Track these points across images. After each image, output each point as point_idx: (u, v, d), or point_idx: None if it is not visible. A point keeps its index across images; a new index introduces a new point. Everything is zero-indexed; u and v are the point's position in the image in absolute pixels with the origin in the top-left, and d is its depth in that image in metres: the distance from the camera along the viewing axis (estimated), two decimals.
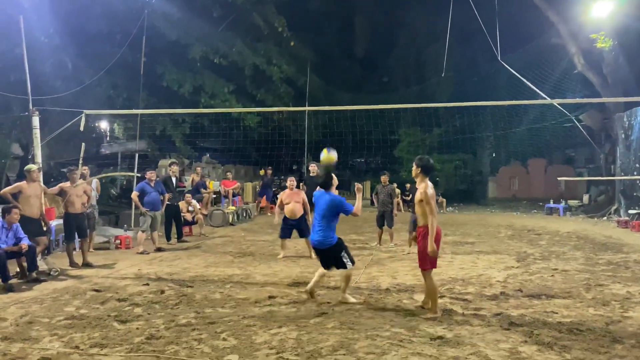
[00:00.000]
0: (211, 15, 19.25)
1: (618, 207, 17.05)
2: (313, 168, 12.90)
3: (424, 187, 5.40)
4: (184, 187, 13.50)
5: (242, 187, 18.40)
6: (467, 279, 7.35)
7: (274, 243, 10.94)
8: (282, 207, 9.36)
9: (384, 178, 10.82)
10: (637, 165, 15.39)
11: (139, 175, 13.19)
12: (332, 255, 5.83)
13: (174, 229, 11.38)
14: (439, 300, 6.02)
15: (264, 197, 18.82)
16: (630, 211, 15.26)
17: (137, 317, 5.29)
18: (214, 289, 6.57)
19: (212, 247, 10.65)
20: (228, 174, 17.56)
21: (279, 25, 20.40)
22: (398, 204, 17.48)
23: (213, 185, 16.51)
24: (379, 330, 4.85)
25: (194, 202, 12.65)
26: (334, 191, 5.98)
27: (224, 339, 4.59)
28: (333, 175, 6.04)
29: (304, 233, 9.07)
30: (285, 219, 9.23)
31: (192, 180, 14.69)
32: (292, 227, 9.19)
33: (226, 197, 16.36)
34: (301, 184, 14.92)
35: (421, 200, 5.38)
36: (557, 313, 5.51)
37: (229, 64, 19.52)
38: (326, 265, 5.95)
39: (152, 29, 16.60)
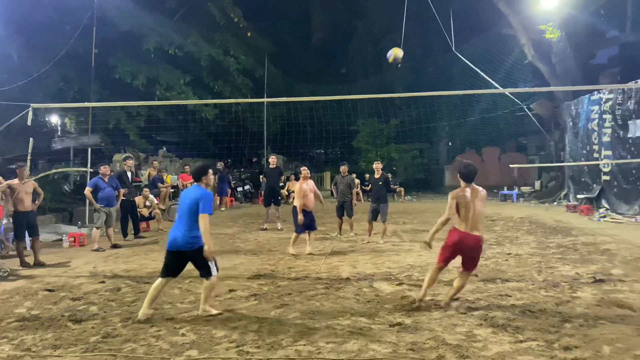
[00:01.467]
0: (165, 6, 18.81)
1: (567, 192, 17.76)
2: (273, 160, 12.86)
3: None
4: (140, 181, 13.21)
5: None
6: (425, 265, 7.50)
7: (234, 236, 10.87)
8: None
9: (343, 168, 10.88)
10: (584, 151, 16.05)
11: (92, 170, 12.81)
12: (198, 258, 4.98)
13: (130, 225, 11.12)
14: (398, 287, 6.16)
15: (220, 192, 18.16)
16: (579, 196, 15.94)
17: (92, 316, 5.15)
18: (173, 285, 6.45)
19: None
20: (186, 167, 17.27)
21: (235, 15, 20.14)
22: (357, 194, 17.72)
23: (170, 179, 16.21)
24: (339, 319, 4.90)
25: (151, 196, 12.39)
26: (207, 185, 5.13)
27: (183, 335, 4.53)
28: (210, 168, 5.23)
29: (314, 225, 8.82)
30: (303, 211, 8.54)
31: (149, 175, 14.37)
32: (309, 219, 8.67)
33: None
34: (261, 176, 14.91)
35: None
36: (510, 296, 5.70)
37: (184, 55, 19.15)
38: (176, 271, 5.18)
39: (104, 19, 16.09)
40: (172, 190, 16.09)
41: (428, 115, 22.81)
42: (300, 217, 8.42)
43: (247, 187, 21.08)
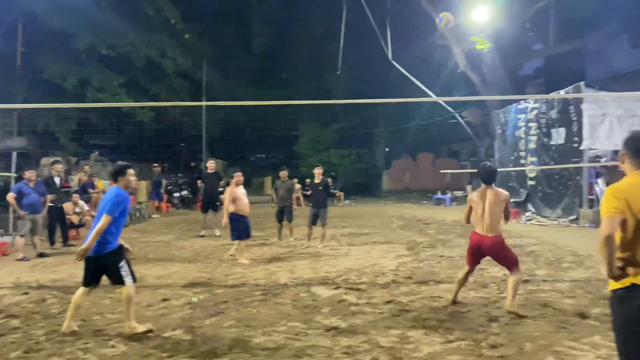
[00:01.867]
0: (99, 5, 18.12)
1: None
2: (211, 164, 12.65)
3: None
4: (70, 187, 12.58)
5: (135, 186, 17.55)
6: (362, 268, 7.64)
7: (169, 244, 10.59)
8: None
9: (283, 173, 10.88)
10: (512, 158, 16.89)
11: (17, 175, 12.09)
12: (108, 265, 4.67)
13: (59, 233, 10.58)
14: (335, 291, 6.22)
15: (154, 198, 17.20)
16: None
17: (13, 330, 4.86)
18: (103, 295, 6.22)
19: None
20: None
21: (173, 17, 19.73)
22: (298, 198, 17.75)
23: (102, 184, 15.56)
24: (275, 325, 4.89)
25: (81, 203, 11.85)
26: (126, 187, 4.80)
27: (113, 347, 4.37)
28: (129, 168, 4.89)
29: (249, 232, 8.67)
30: (239, 217, 8.42)
31: (79, 180, 13.75)
32: (246, 225, 8.54)
33: None
34: (199, 181, 14.60)
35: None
36: (442, 297, 5.90)
37: (118, 56, 18.54)
38: (95, 279, 4.83)
39: (31, 17, 15.30)
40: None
41: (367, 122, 23.29)
42: (225, 220, 8.27)
43: (184, 192, 20.60)
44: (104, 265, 4.69)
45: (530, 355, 4.11)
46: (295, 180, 18.80)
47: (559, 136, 13.79)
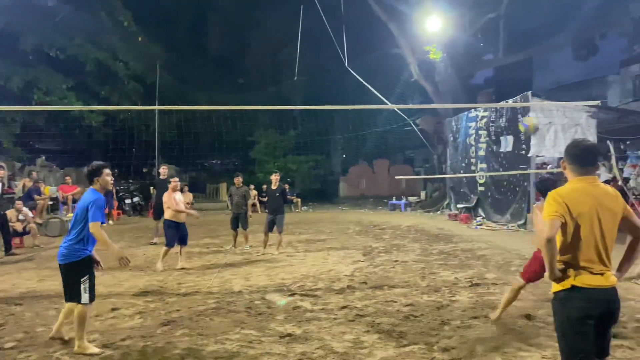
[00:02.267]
0: (46, 5, 17.47)
1: (449, 202, 19.06)
2: (164, 170, 12.38)
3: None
4: (13, 193, 12.06)
5: (83, 192, 16.89)
6: (318, 275, 7.64)
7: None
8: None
9: (238, 180, 10.76)
10: (463, 164, 17.36)
11: None
12: (70, 275, 4.41)
13: (0, 241, 10.08)
14: (291, 298, 6.20)
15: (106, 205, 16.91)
16: (459, 205, 17.20)
17: None
18: (48, 305, 5.97)
19: (48, 259, 9.63)
20: (67, 178, 16.06)
21: (125, 19, 19.23)
22: (254, 205, 17.62)
23: (49, 190, 14.99)
24: (229, 333, 4.83)
25: (25, 210, 11.34)
26: (103, 188, 4.61)
27: (57, 359, 4.19)
28: (105, 168, 4.63)
29: (185, 240, 8.58)
30: (173, 224, 8.37)
31: (24, 186, 13.18)
32: (179, 233, 8.46)
33: (65, 203, 14.97)
34: (151, 187, 14.25)
35: None
36: (396, 302, 5.98)
37: (67, 58, 17.91)
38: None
39: None
40: (51, 202, 14.89)
41: (324, 128, 23.40)
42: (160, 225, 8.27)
43: (136, 199, 20.05)
44: (63, 274, 4.44)
45: (480, 357, 4.22)
46: (252, 186, 18.70)
47: (507, 144, 14.25)
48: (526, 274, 5.08)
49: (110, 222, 15.23)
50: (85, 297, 4.36)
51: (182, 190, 19.30)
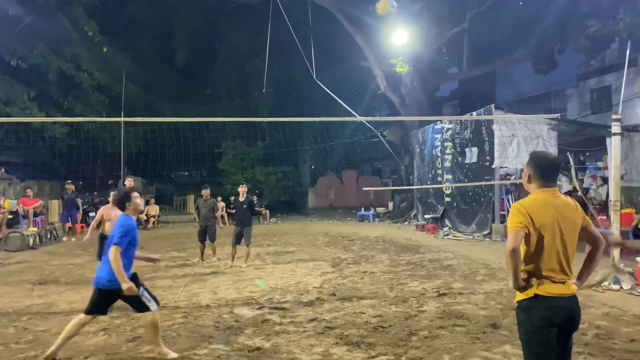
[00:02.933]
0: (6, 13, 17.01)
1: (416, 213, 19.31)
2: (129, 182, 12.10)
3: None
4: None
5: (45, 206, 16.37)
6: (286, 287, 7.61)
7: (84, 266, 9.98)
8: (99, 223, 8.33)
9: (206, 192, 10.65)
10: (430, 175, 17.64)
11: None
12: (128, 295, 4.47)
13: None
14: (259, 311, 6.14)
15: (69, 220, 15.38)
16: (426, 216, 17.44)
17: None
18: (7, 323, 5.76)
19: (7, 274, 9.31)
20: (28, 191, 15.55)
21: (89, 29, 18.89)
22: (222, 217, 17.44)
23: (9, 204, 14.49)
24: (196, 348, 4.76)
25: None
26: (135, 212, 4.72)
27: None
28: (132, 192, 4.76)
29: None
30: (105, 237, 8.32)
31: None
32: None
33: (26, 217, 14.48)
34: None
35: None
36: (365, 313, 6.00)
37: (29, 68, 17.45)
38: (100, 309, 4.65)
39: None
40: (11, 216, 14.39)
41: (292, 139, 23.42)
42: (88, 236, 8.38)
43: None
44: (122, 296, 4.48)
45: None
46: (219, 198, 18.51)
47: (472, 155, 14.58)
48: None
49: (73, 239, 14.67)
50: (152, 305, 4.54)
51: (148, 203, 19.11)
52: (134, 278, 4.57)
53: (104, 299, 4.54)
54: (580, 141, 14.19)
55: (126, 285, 4.33)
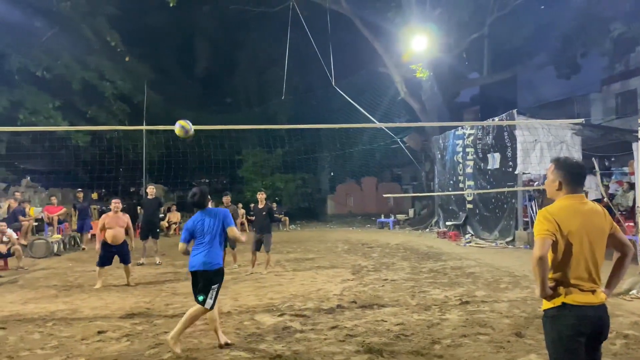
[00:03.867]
0: (32, 25, 17.44)
1: (437, 220, 19.13)
2: (151, 190, 12.29)
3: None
4: None
5: (69, 213, 16.64)
6: (307, 294, 7.58)
7: (106, 272, 10.07)
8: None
9: (226, 199, 10.72)
10: (451, 182, 17.48)
11: None
12: (207, 280, 5.00)
13: None
14: (280, 318, 6.13)
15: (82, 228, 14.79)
16: (447, 223, 17.24)
17: None
18: (32, 329, 5.84)
19: (33, 281, 9.47)
20: (52, 198, 15.85)
21: (112, 39, 19.25)
22: (242, 224, 17.52)
23: (34, 211, 14.77)
24: (218, 355, 4.76)
25: (9, 231, 11.14)
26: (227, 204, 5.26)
27: None
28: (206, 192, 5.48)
29: (126, 259, 8.71)
30: (105, 244, 8.63)
31: (9, 207, 12.97)
32: (113, 253, 8.66)
33: (50, 224, 14.74)
34: (138, 207, 14.13)
35: None
36: (386, 321, 5.94)
37: (54, 78, 17.83)
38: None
39: None
40: (36, 223, 14.66)
41: (311, 146, 23.48)
42: (97, 245, 8.70)
43: None
44: (204, 278, 4.95)
45: None
46: (240, 205, 18.61)
47: (494, 161, 14.41)
48: None
49: (83, 247, 14.42)
50: (209, 302, 4.90)
51: (169, 210, 19.30)
52: (222, 271, 5.13)
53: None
54: (605, 146, 13.90)
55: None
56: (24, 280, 9.55)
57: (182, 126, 6.33)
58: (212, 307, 4.93)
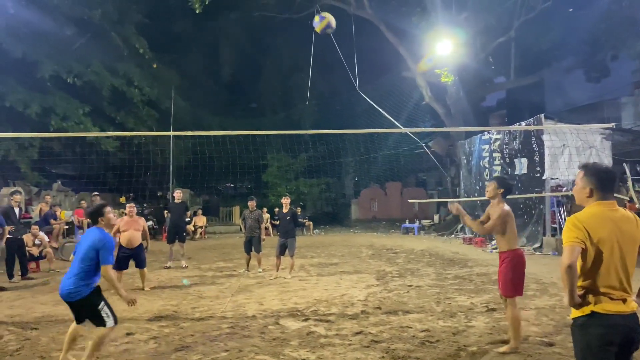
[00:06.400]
0: (64, 33, 17.93)
1: (463, 225, 18.88)
2: (178, 194, 12.48)
3: (503, 206, 5.14)
4: (30, 218, 12.21)
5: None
6: (331, 299, 7.59)
7: (134, 276, 10.28)
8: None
9: (251, 203, 10.81)
10: (477, 187, 17.26)
11: None
12: (86, 309, 4.56)
13: (17, 265, 10.17)
14: (304, 323, 6.15)
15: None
16: None
17: None
18: (64, 330, 5.96)
19: None
20: (82, 202, 16.22)
21: (140, 46, 19.65)
22: (267, 228, 17.62)
23: (65, 215, 15.15)
24: (243, 359, 4.80)
25: (41, 234, 11.46)
26: (107, 227, 4.78)
27: None
28: (106, 207, 4.78)
29: (141, 263, 8.82)
30: (121, 247, 8.73)
31: (40, 210, 13.32)
32: (129, 257, 8.76)
33: (80, 227, 15.09)
34: (165, 211, 14.34)
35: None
36: (411, 327, 5.91)
37: (84, 85, 18.26)
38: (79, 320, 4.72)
39: None
40: (67, 227, 15.03)
41: (335, 151, 23.50)
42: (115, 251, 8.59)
43: (149, 222, 20.19)
44: (83, 307, 4.53)
45: None
46: (265, 209, 18.73)
47: (521, 166, 14.19)
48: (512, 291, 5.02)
49: None
50: (110, 322, 4.51)
51: (195, 214, 19.54)
52: (99, 290, 4.59)
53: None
54: (636, 151, 13.58)
55: (127, 297, 4.67)
56: (55, 282, 9.78)
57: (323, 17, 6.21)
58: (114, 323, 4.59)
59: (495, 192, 5.29)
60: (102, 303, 4.52)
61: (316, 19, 8.02)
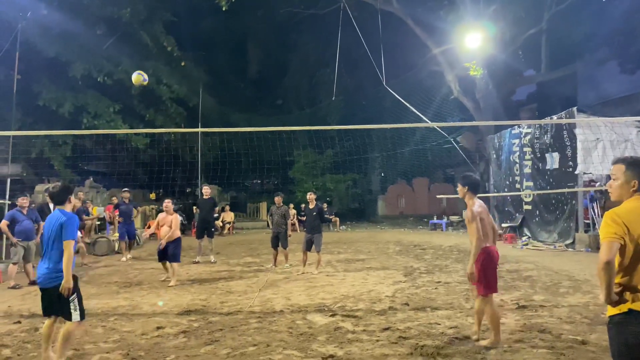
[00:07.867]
0: (95, 33, 18.32)
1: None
2: (206, 190, 12.63)
3: (471, 206, 5.06)
4: None
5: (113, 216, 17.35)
6: (358, 295, 7.56)
7: (163, 270, 10.45)
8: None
9: (278, 199, 10.86)
10: (507, 182, 16.94)
11: (10, 202, 12.00)
12: (59, 296, 4.39)
13: None
14: (332, 318, 6.14)
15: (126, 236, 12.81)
16: (503, 225, 16.71)
17: None
18: (96, 323, 6.13)
19: (95, 277, 9.94)
20: (113, 198, 16.53)
21: (169, 45, 19.94)
22: (293, 224, 17.69)
23: (97, 211, 15.49)
24: (271, 353, 4.82)
25: None
26: (68, 208, 4.66)
27: None
28: (73, 189, 4.84)
29: (173, 258, 9.10)
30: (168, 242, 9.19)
31: (73, 207, 13.61)
32: (165, 250, 9.20)
33: (112, 223, 15.42)
34: (194, 207, 14.54)
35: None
36: (440, 324, 5.83)
37: (114, 83, 18.64)
38: (49, 310, 4.56)
39: (27, 44, 15.43)
40: (99, 222, 15.37)
41: (361, 147, 23.40)
42: (163, 242, 9.16)
43: (179, 218, 20.48)
44: (56, 294, 4.38)
45: None
46: (291, 205, 18.81)
47: (553, 161, 13.87)
48: (483, 289, 4.97)
49: (129, 255, 12.67)
50: (75, 316, 4.41)
51: (223, 209, 19.76)
52: (75, 278, 4.49)
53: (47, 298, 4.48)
54: None
55: (68, 282, 4.33)
56: (88, 276, 10.03)
57: (140, 73, 6.55)
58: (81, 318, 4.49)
59: (463, 192, 5.19)
60: (75, 295, 4.43)
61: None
